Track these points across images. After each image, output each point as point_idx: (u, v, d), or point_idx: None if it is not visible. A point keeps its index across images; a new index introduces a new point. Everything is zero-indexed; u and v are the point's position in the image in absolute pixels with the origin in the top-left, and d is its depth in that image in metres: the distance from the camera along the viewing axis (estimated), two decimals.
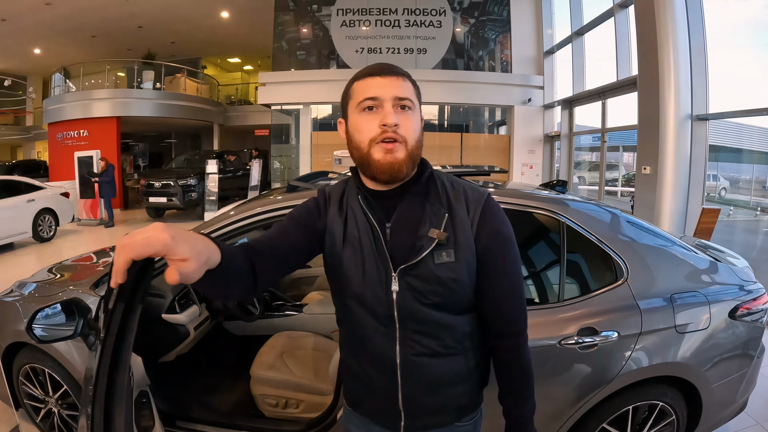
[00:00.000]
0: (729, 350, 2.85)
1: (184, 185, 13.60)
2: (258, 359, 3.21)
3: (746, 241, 13.05)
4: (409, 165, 1.36)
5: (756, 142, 15.59)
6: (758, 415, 3.92)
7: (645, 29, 8.00)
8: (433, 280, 1.37)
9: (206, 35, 19.30)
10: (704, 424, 2.93)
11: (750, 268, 3.33)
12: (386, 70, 1.36)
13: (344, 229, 1.47)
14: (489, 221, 1.42)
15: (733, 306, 2.81)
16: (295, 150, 15.05)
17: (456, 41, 15.03)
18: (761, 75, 9.99)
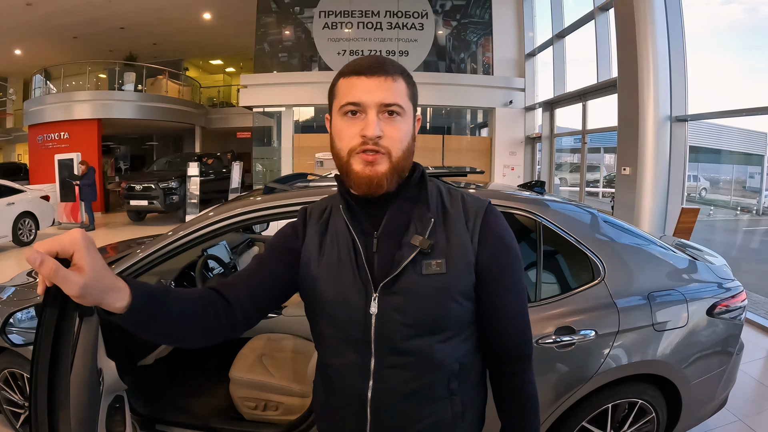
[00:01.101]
0: (708, 347, 2.88)
1: (166, 188, 13.52)
2: (237, 362, 3.20)
3: (726, 241, 13.23)
4: (392, 178, 1.20)
5: (735, 143, 15.81)
6: (739, 412, 3.98)
7: (625, 32, 8.10)
8: (419, 295, 1.20)
9: (188, 37, 19.23)
10: (684, 421, 2.96)
11: (728, 266, 3.38)
12: (373, 69, 1.19)
13: (320, 245, 1.32)
14: (491, 232, 1.27)
15: (711, 303, 2.85)
16: (277, 152, 15.07)
17: (438, 44, 15.12)
18: (741, 77, 10.13)
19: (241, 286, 1.29)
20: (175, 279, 3.37)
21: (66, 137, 16.03)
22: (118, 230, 12.50)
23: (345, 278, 1.25)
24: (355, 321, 1.23)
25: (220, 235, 2.70)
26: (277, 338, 3.52)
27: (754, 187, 17.76)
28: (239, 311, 1.26)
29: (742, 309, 3.03)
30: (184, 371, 3.51)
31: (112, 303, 0.95)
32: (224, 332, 1.25)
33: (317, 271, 1.29)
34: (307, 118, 15.80)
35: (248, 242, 4.77)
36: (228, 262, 3.97)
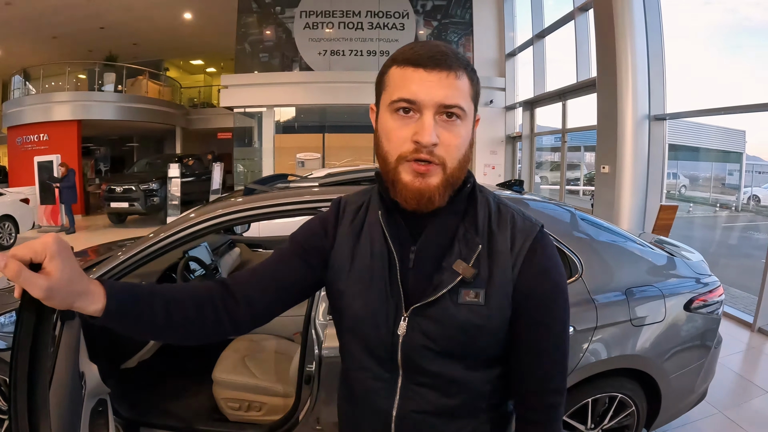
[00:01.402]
0: (686, 341, 2.95)
1: (146, 190, 13.39)
2: (220, 363, 3.20)
3: (706, 237, 13.38)
4: (444, 192, 1.05)
5: (715, 141, 15.99)
6: (719, 404, 4.05)
7: (604, 32, 8.17)
8: (451, 325, 1.08)
9: (169, 37, 19.10)
10: (664, 414, 3.02)
11: (705, 262, 3.44)
12: (435, 61, 1.00)
13: (353, 252, 1.19)
14: (537, 262, 1.10)
15: (688, 298, 2.91)
16: (258, 153, 15.03)
17: None
18: (720, 76, 10.25)
19: (255, 282, 1.20)
20: (156, 281, 3.36)
21: (45, 139, 15.86)
22: (99, 233, 12.36)
23: (376, 294, 1.14)
24: (380, 340, 1.14)
25: (202, 236, 2.70)
26: (259, 339, 3.53)
27: (733, 184, 17.99)
28: (246, 309, 1.17)
29: (720, 303, 3.09)
30: (167, 374, 3.51)
31: (84, 306, 0.93)
32: (225, 331, 1.17)
33: (346, 284, 1.18)
34: (288, 119, 15.76)
35: (229, 243, 4.76)
36: (209, 263, 3.96)
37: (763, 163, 15.90)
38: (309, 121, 16.09)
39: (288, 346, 3.45)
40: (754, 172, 16.90)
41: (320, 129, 15.14)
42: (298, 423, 2.48)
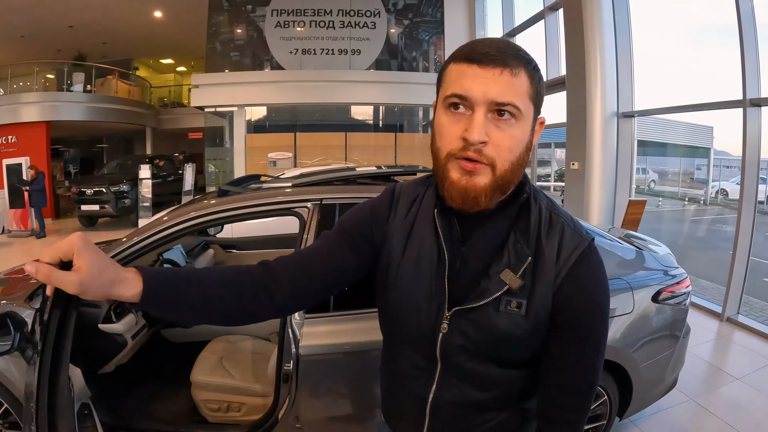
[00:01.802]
0: (655, 332, 3.04)
1: (117, 192, 13.16)
2: (197, 365, 3.20)
3: (675, 230, 13.58)
4: (492, 194, 1.04)
5: (683, 137, 16.23)
6: (690, 392, 4.19)
7: (573, 31, 8.28)
8: (491, 331, 1.10)
9: (139, 35, 18.79)
10: (636, 403, 3.12)
11: (672, 255, 3.55)
12: (490, 57, 0.98)
13: (406, 244, 1.20)
14: (581, 277, 1.09)
15: (656, 290, 3.01)
16: (229, 153, 14.95)
17: (390, 42, 15.19)
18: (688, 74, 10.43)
19: (299, 266, 1.20)
20: None
21: (14, 141, 15.55)
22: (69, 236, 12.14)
23: (422, 290, 1.16)
24: (422, 334, 1.17)
25: (177, 239, 2.69)
26: (235, 339, 3.54)
27: (701, 179, 18.30)
28: (289, 293, 1.17)
29: (687, 294, 3.20)
30: (145, 377, 3.49)
31: (121, 293, 0.96)
32: (265, 313, 1.17)
33: (395, 276, 1.20)
34: (259, 118, 15.68)
35: (203, 245, 4.74)
36: (184, 265, 3.95)
37: (731, 158, 16.16)
38: (280, 120, 16.03)
39: (264, 346, 3.46)
40: (722, 166, 17.20)
41: (292, 128, 15.06)
42: (277, 422, 2.49)
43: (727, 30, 6.43)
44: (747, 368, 4.78)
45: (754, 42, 6.01)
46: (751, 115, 6.01)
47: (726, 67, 6.90)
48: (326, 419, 2.53)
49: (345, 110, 16.36)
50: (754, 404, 4.15)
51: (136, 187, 13.10)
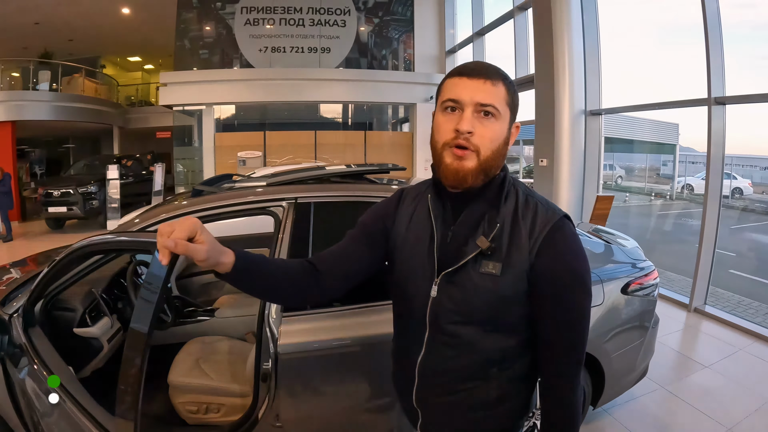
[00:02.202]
0: (625, 323, 3.14)
1: (85, 193, 12.88)
2: (174, 367, 3.18)
3: (642, 224, 13.82)
4: (477, 175, 1.32)
5: (650, 134, 16.48)
6: (661, 380, 4.35)
7: (542, 31, 8.40)
8: (471, 290, 1.34)
9: (106, 32, 18.38)
10: (609, 391, 3.21)
11: (640, 248, 3.65)
12: (476, 72, 1.31)
13: (408, 227, 1.52)
14: (554, 246, 1.31)
15: (625, 282, 3.11)
16: (198, 152, 14.71)
17: (360, 40, 15.18)
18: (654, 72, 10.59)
19: (333, 260, 1.53)
20: (105, 287, 3.30)
21: None
22: (37, 240, 11.79)
23: (417, 262, 1.45)
24: (417, 300, 1.44)
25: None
26: (212, 341, 3.52)
27: (667, 174, 18.59)
28: (329, 281, 1.50)
29: (655, 286, 3.32)
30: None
31: (223, 261, 1.27)
32: (315, 297, 1.51)
33: (398, 253, 1.51)
34: (228, 116, 15.51)
35: None
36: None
37: (697, 154, 16.44)
38: (249, 119, 15.91)
39: (241, 347, 3.45)
40: (687, 162, 17.49)
41: (261, 127, 14.96)
42: (257, 422, 2.49)
43: (693, 29, 6.56)
44: (715, 356, 4.96)
45: (719, 42, 6.15)
46: (716, 113, 6.15)
47: (691, 66, 7.04)
48: (307, 417, 2.54)
49: (314, 108, 16.30)
50: (723, 390, 4.30)
51: (104, 188, 12.88)
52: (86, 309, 2.94)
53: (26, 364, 2.40)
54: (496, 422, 1.48)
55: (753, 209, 15.25)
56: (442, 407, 1.48)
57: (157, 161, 14.45)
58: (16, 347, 2.28)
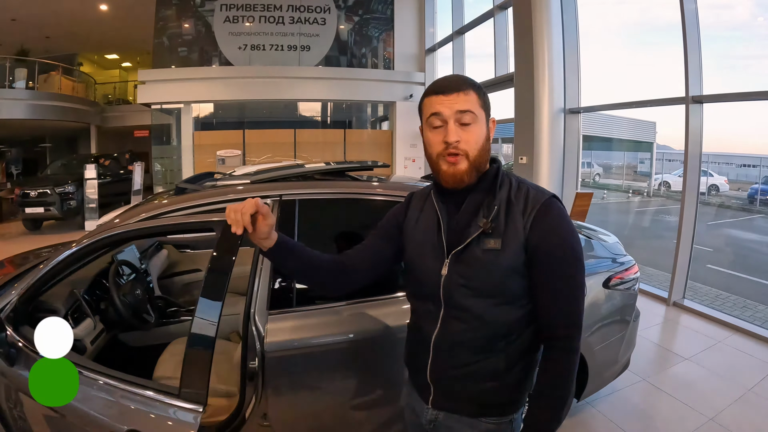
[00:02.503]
0: (607, 316, 3.20)
1: (62, 193, 12.60)
2: (158, 368, 3.14)
3: (620, 221, 13.94)
4: (471, 173, 1.55)
5: (627, 132, 16.65)
6: (642, 372, 4.44)
7: (522, 30, 8.47)
8: (477, 265, 1.52)
9: (84, 30, 18.13)
10: (592, 384, 3.27)
11: (620, 243, 3.71)
12: (449, 88, 1.52)
13: (417, 220, 1.72)
14: (545, 221, 1.51)
15: (606, 277, 3.17)
16: (176, 151, 14.58)
17: (340, 39, 15.15)
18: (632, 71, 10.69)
19: (357, 255, 1.81)
20: (87, 288, 3.27)
21: None
22: (14, 241, 11.45)
23: (428, 246, 1.64)
24: (430, 279, 1.61)
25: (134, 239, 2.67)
26: None
27: (644, 172, 18.81)
28: (353, 273, 1.79)
29: (635, 280, 3.38)
30: None
31: (273, 239, 1.62)
32: (342, 285, 1.82)
33: (411, 242, 1.71)
34: (206, 115, 15.42)
35: (156, 245, 4.66)
36: (139, 266, 3.89)
37: (673, 152, 16.66)
38: (228, 117, 15.83)
39: (226, 346, 3.42)
40: (664, 160, 17.72)
41: (240, 125, 14.91)
42: (245, 421, 2.48)
43: (671, 29, 6.64)
44: (695, 348, 5.06)
45: (697, 41, 6.24)
46: (693, 112, 6.25)
47: (669, 65, 7.13)
48: (295, 415, 2.55)
49: (294, 107, 16.26)
50: (703, 382, 4.40)
51: (82, 188, 12.68)
52: (68, 310, 2.90)
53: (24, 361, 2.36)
54: (503, 394, 1.62)
55: (729, 205, 15.47)
56: (454, 380, 1.63)
57: (135, 160, 14.27)
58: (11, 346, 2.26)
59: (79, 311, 2.99)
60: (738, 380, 4.43)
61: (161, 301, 3.92)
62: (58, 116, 16.81)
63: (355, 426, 2.70)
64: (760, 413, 3.92)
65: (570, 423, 3.65)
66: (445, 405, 1.67)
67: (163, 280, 4.46)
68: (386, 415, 2.69)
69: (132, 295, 3.37)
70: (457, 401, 1.65)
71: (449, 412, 1.67)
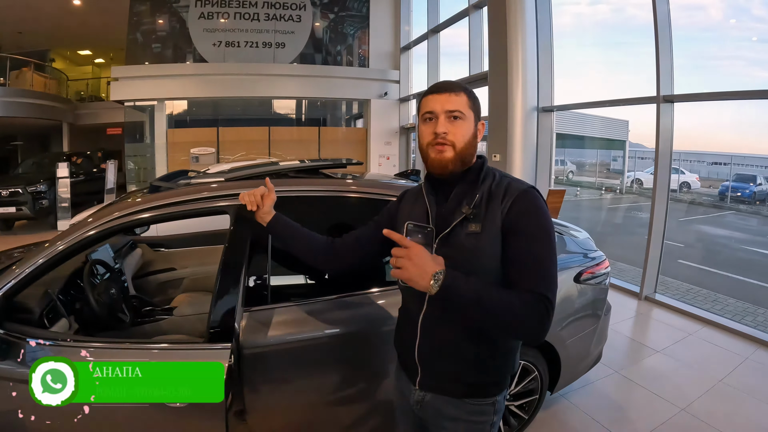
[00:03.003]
0: (578, 311, 3.26)
1: (34, 192, 12.30)
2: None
3: (593, 217, 14.10)
4: (456, 162, 1.71)
5: (600, 130, 16.84)
6: (615, 365, 4.53)
7: (497, 29, 8.54)
8: (461, 247, 1.65)
9: (56, 25, 17.68)
10: (565, 377, 3.34)
11: (591, 239, 3.77)
12: (442, 89, 1.72)
13: (410, 211, 1.87)
14: (518, 205, 1.63)
15: (577, 272, 3.23)
16: (150, 149, 14.39)
17: (315, 36, 15.10)
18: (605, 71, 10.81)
19: (348, 241, 2.08)
20: (62, 287, 3.23)
21: None
22: None
23: None
24: None
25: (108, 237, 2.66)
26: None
27: (617, 169, 19.05)
28: (342, 257, 2.07)
29: (606, 275, 3.45)
30: None
31: (271, 214, 2.14)
32: (330, 265, 2.15)
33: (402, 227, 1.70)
34: (180, 112, 15.22)
35: (131, 244, 4.62)
36: (113, 266, 3.85)
37: (646, 150, 16.90)
38: (202, 115, 15.64)
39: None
40: (636, 157, 17.97)
41: (214, 123, 14.73)
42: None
43: (644, 30, 6.74)
44: (666, 341, 5.17)
45: (669, 42, 6.35)
46: (664, 111, 6.37)
47: (642, 65, 7.25)
48: (273, 412, 2.55)
49: (268, 104, 16.14)
50: (675, 373, 4.49)
51: (54, 186, 12.43)
52: (43, 311, 2.87)
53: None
54: (487, 375, 1.75)
55: (701, 202, 15.73)
56: (441, 360, 1.76)
57: (108, 158, 14.05)
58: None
59: (54, 311, 2.96)
60: (709, 372, 4.53)
61: (136, 300, 3.89)
62: (30, 113, 16.47)
63: (333, 421, 2.72)
64: (731, 403, 4.02)
65: (544, 415, 3.69)
66: (432, 386, 1.80)
67: (137, 279, 4.42)
68: (364, 410, 2.72)
69: (107, 295, 3.34)
70: (443, 381, 1.78)
71: (435, 393, 1.80)
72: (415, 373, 1.83)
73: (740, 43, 10.06)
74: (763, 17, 10.14)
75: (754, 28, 10.01)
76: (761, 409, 3.97)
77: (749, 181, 15.04)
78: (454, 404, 1.77)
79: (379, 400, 2.65)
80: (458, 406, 1.77)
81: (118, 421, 2.35)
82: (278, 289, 2.69)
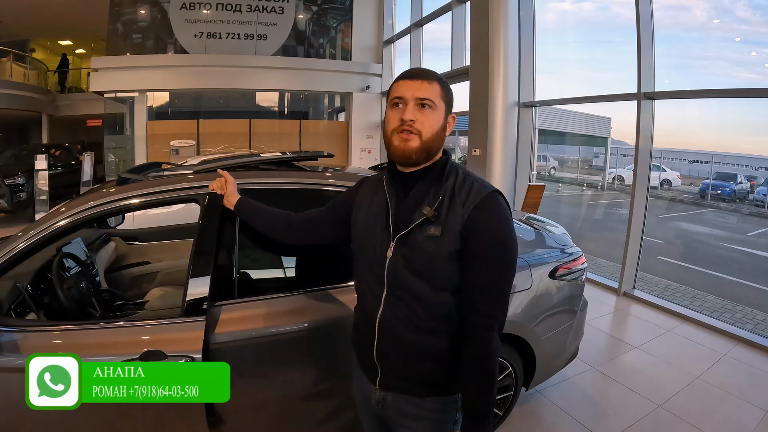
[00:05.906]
0: (554, 306, 3.24)
1: (12, 185, 12.16)
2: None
3: (574, 213, 14.19)
4: (420, 153, 1.64)
5: (583, 127, 16.92)
6: (591, 361, 4.52)
7: (479, 24, 8.54)
8: (419, 249, 1.61)
9: (36, 14, 17.32)
10: (540, 373, 3.32)
11: (567, 234, 3.77)
12: (415, 75, 1.64)
13: (369, 203, 1.81)
14: (482, 213, 1.59)
15: (553, 267, 3.21)
16: (130, 141, 14.22)
17: (297, 28, 15.03)
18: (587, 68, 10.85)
19: (306, 220, 2.15)
20: (31, 281, 3.16)
21: None
22: None
23: (376, 228, 1.73)
24: (377, 261, 1.70)
25: (77, 229, 2.60)
26: None
27: (599, 166, 19.17)
28: (295, 231, 2.17)
29: (582, 271, 3.44)
30: None
31: (236, 197, 2.35)
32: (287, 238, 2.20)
33: (361, 223, 1.81)
34: (161, 104, 15.04)
35: (104, 237, 4.55)
36: (85, 259, 3.78)
37: (628, 147, 16.97)
38: (183, 107, 15.48)
39: None
40: (619, 154, 18.08)
41: (195, 115, 14.61)
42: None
43: (628, 27, 6.76)
44: (644, 337, 5.18)
45: (651, 40, 6.37)
46: (645, 108, 6.39)
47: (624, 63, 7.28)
48: (243, 407, 2.51)
49: (250, 97, 16.03)
50: (652, 369, 4.50)
51: (32, 179, 12.24)
52: (11, 305, 2.80)
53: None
54: (446, 374, 1.71)
55: (681, 200, 15.86)
56: (399, 360, 1.72)
57: (87, 150, 13.88)
58: None
59: (23, 305, 2.89)
60: (686, 368, 4.54)
61: (107, 294, 3.83)
62: (9, 104, 16.21)
63: (303, 416, 2.69)
64: (708, 400, 4.03)
65: (520, 411, 3.68)
66: (392, 385, 1.77)
67: (111, 273, 4.35)
68: (335, 404, 2.70)
69: (76, 289, 3.27)
70: (403, 381, 1.74)
71: (396, 392, 1.77)
72: (375, 374, 1.79)
73: (724, 44, 10.15)
74: (747, 18, 10.24)
75: (738, 29, 10.15)
76: (738, 405, 3.98)
77: (730, 180, 15.18)
78: (416, 403, 1.75)
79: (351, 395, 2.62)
80: (420, 404, 1.75)
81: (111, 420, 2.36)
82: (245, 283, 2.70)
